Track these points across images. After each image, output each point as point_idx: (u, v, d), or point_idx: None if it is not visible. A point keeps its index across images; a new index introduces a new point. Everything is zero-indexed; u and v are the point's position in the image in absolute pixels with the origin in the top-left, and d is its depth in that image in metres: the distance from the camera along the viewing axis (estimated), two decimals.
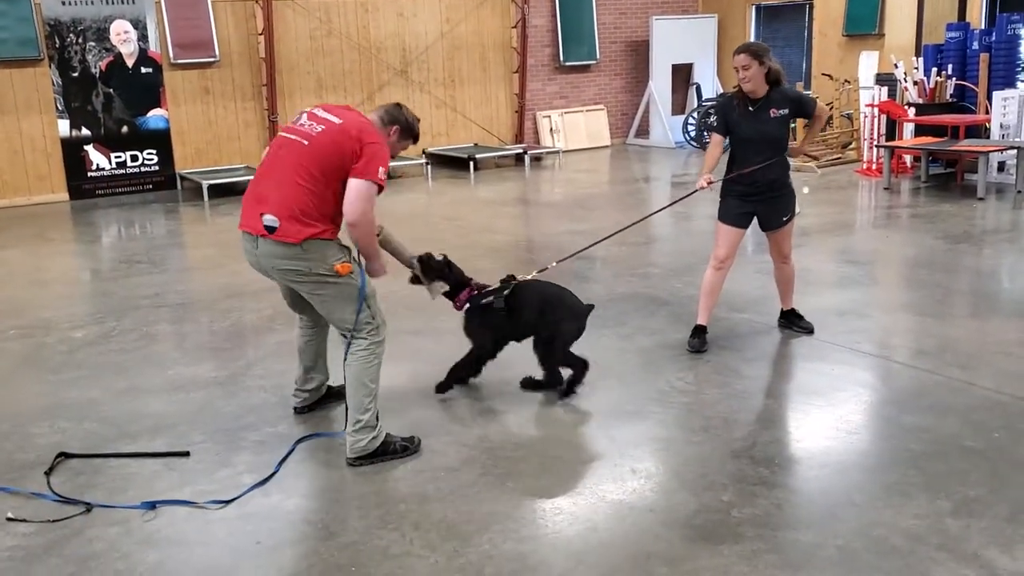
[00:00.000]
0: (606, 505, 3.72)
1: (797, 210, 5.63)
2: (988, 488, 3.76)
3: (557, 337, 4.74)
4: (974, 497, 3.69)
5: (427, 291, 4.73)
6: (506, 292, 4.75)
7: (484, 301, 4.75)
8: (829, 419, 4.48)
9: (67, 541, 3.57)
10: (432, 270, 4.70)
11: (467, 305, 4.77)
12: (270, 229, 3.96)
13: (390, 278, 4.40)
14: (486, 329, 4.80)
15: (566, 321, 4.78)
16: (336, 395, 4.74)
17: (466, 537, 3.50)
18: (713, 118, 5.84)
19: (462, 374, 4.88)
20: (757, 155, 5.29)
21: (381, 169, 3.97)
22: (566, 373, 4.87)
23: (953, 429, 4.31)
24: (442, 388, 4.88)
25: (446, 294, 4.77)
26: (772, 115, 5.27)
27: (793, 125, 5.90)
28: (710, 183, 5.36)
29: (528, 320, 4.76)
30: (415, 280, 4.74)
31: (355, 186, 3.92)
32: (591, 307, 4.91)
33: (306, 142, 4.04)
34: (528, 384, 4.95)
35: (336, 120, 4.07)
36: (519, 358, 4.90)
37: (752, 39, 15.50)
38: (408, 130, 4.30)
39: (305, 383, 4.70)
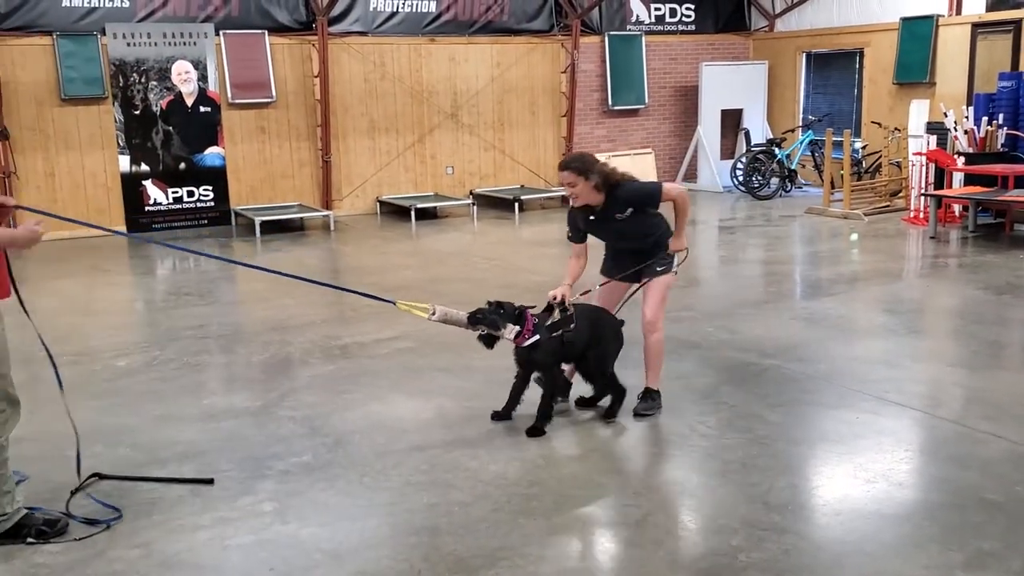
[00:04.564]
0: (614, 545, 3.75)
1: (675, 268, 5.30)
2: (1003, 542, 3.70)
3: (607, 355, 5.03)
4: (988, 550, 3.64)
5: (503, 337, 4.82)
6: (572, 324, 4.89)
7: (555, 334, 4.85)
8: (848, 467, 4.46)
9: (89, 561, 3.70)
10: (490, 321, 4.79)
11: (535, 336, 4.83)
12: None
13: (393, 318, 4.49)
14: (557, 354, 4.94)
15: (611, 338, 5.07)
16: None
17: (472, 571, 3.55)
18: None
19: (552, 406, 4.98)
20: (625, 242, 5.17)
21: None
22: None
23: (974, 481, 4.26)
24: (537, 431, 4.89)
25: None
26: (618, 219, 5.04)
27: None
28: (563, 297, 4.94)
29: (579, 342, 4.95)
30: (489, 339, 4.85)
31: None
32: (623, 322, 5.18)
33: None
34: (583, 402, 5.26)
35: None
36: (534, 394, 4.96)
37: (803, 86, 15.50)
38: None
39: None
